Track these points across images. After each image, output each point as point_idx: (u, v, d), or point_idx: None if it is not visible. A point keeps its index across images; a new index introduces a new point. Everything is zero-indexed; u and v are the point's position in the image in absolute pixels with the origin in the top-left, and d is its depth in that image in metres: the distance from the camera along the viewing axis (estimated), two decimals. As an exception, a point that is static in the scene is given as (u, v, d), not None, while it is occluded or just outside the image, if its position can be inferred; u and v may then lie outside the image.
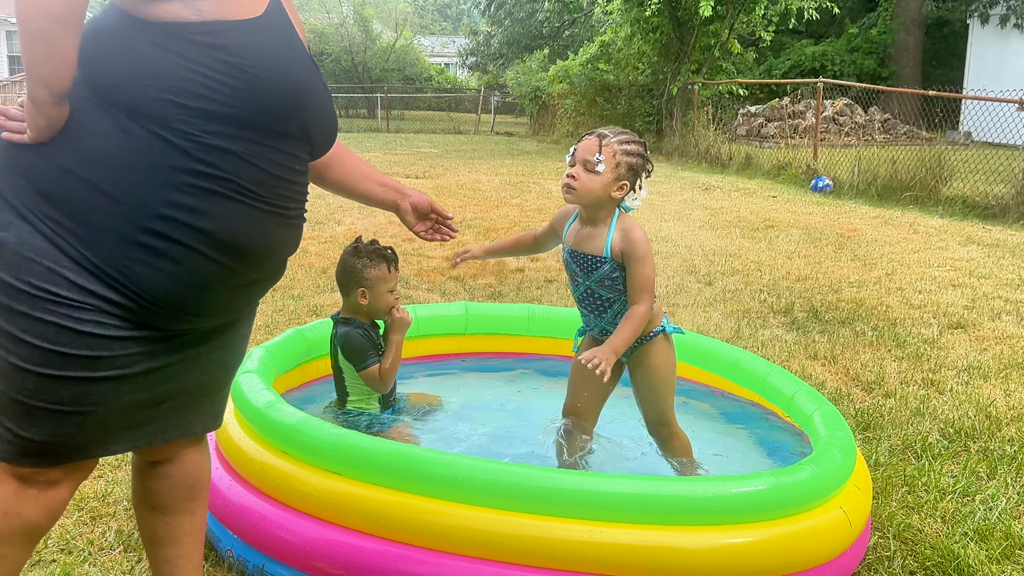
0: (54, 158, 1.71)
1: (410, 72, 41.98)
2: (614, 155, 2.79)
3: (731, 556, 2.34)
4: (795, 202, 11.98)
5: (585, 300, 2.97)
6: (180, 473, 2.10)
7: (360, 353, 3.35)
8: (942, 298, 6.42)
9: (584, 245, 2.89)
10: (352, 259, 3.40)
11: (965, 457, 3.59)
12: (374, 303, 3.39)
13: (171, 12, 1.68)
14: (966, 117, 18.38)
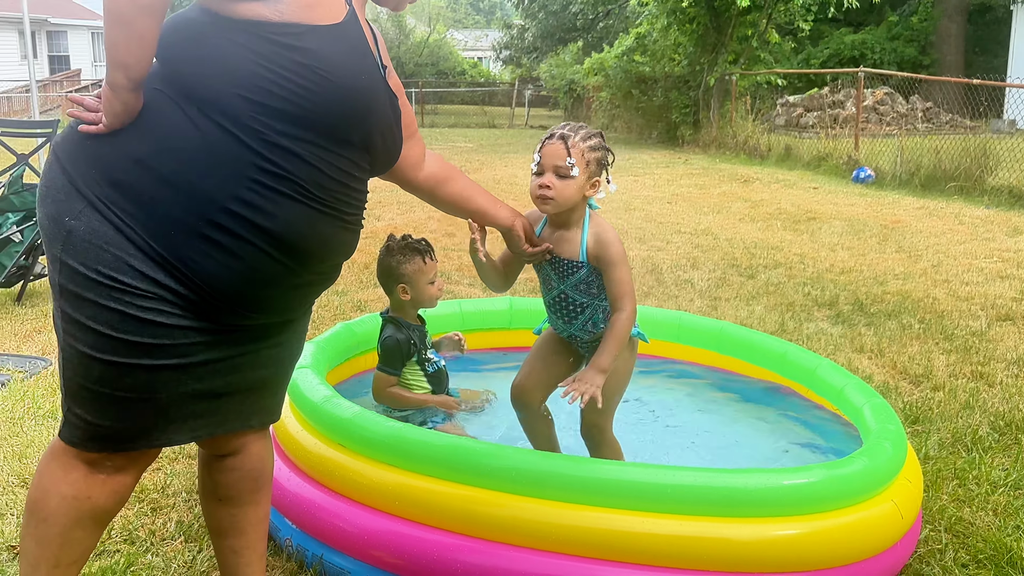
0: (126, 148, 1.76)
1: (444, 66, 42.12)
2: (583, 155, 2.64)
3: (783, 548, 2.36)
4: (837, 193, 11.87)
5: (557, 305, 2.81)
6: (246, 466, 2.16)
7: (387, 357, 3.41)
8: (990, 290, 6.34)
9: (559, 249, 2.74)
10: (387, 258, 3.44)
11: (1016, 450, 3.56)
12: (417, 297, 3.44)
13: (252, 11, 1.72)
14: (1010, 105, 18.06)
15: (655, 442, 3.44)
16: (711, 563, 2.32)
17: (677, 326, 4.15)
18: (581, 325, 2.80)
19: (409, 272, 3.40)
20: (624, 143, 21.35)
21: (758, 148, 16.82)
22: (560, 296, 2.78)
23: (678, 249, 7.83)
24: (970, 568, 2.70)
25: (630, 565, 2.32)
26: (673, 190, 12.15)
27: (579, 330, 2.81)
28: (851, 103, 19.98)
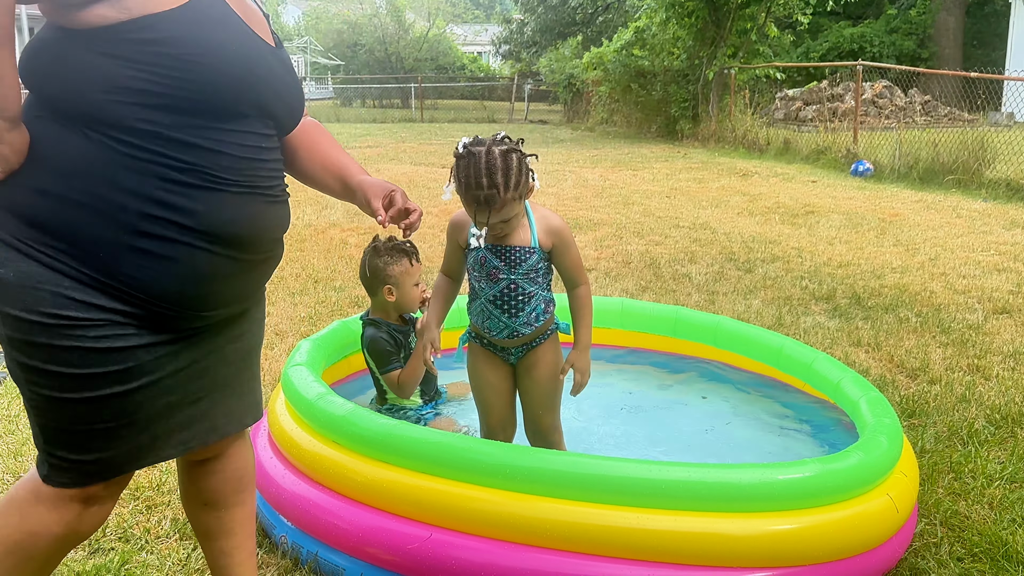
0: (28, 183, 1.71)
1: (443, 61, 42.07)
2: (512, 200, 2.58)
3: (778, 542, 2.36)
4: (835, 187, 11.85)
5: (501, 299, 2.76)
6: (229, 468, 2.15)
7: (384, 357, 3.41)
8: (987, 283, 6.34)
9: (507, 239, 2.73)
10: (373, 259, 3.44)
11: (1012, 443, 3.56)
12: (402, 299, 3.44)
13: (99, 16, 1.68)
14: (1009, 98, 18.05)
15: (648, 437, 3.45)
16: (706, 558, 2.32)
17: (674, 320, 4.15)
18: (526, 318, 2.78)
19: (396, 274, 3.41)
20: (623, 137, 21.34)
21: (757, 142, 16.80)
22: (506, 289, 2.75)
23: (676, 243, 7.82)
24: (965, 562, 2.70)
25: (625, 561, 2.32)
26: (672, 184, 12.14)
27: (522, 324, 2.78)
28: (850, 96, 19.97)
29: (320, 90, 40.69)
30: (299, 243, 7.64)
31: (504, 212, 2.59)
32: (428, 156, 16.26)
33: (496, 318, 2.79)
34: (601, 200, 10.53)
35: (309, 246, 7.52)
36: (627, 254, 7.32)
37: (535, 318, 2.80)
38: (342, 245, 7.54)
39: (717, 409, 3.73)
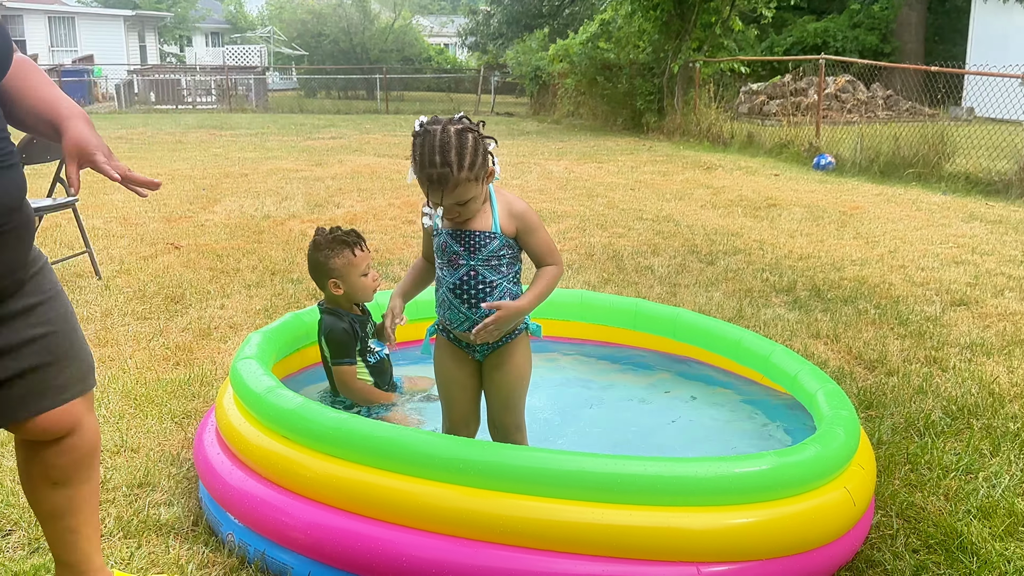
0: None
1: (409, 53, 41.80)
2: (467, 180, 2.51)
3: (735, 536, 2.33)
4: (797, 180, 11.92)
5: (462, 287, 2.69)
6: (83, 445, 2.10)
7: (340, 348, 3.34)
8: (945, 275, 6.39)
9: (469, 223, 2.66)
10: (314, 254, 3.38)
11: (968, 435, 3.57)
12: (350, 290, 3.38)
13: None
14: (969, 93, 18.27)
15: (606, 430, 3.41)
16: (661, 552, 2.29)
17: (634, 313, 4.12)
18: (486, 312, 2.66)
19: (339, 266, 3.33)
20: (589, 130, 21.33)
21: (721, 135, 16.86)
22: (467, 276, 2.68)
23: (639, 235, 7.81)
24: (921, 553, 2.69)
25: (581, 556, 2.28)
26: (636, 176, 12.13)
27: (483, 317, 2.67)
28: (813, 91, 20.10)
29: (284, 80, 40.30)
30: (257, 235, 7.53)
31: (459, 193, 2.52)
32: (392, 148, 16.13)
33: (456, 308, 2.72)
34: (565, 192, 10.50)
35: (267, 238, 7.41)
36: (590, 246, 7.29)
37: None
38: (301, 237, 7.43)
39: (675, 403, 3.70)
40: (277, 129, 20.83)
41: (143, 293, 5.57)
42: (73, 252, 6.40)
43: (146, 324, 4.91)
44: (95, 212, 8.46)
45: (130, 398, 3.79)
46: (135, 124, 21.94)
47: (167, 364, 4.26)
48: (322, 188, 10.45)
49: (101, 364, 4.23)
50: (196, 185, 10.62)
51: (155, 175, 10.13)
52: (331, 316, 3.37)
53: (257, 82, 31.25)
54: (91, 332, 4.73)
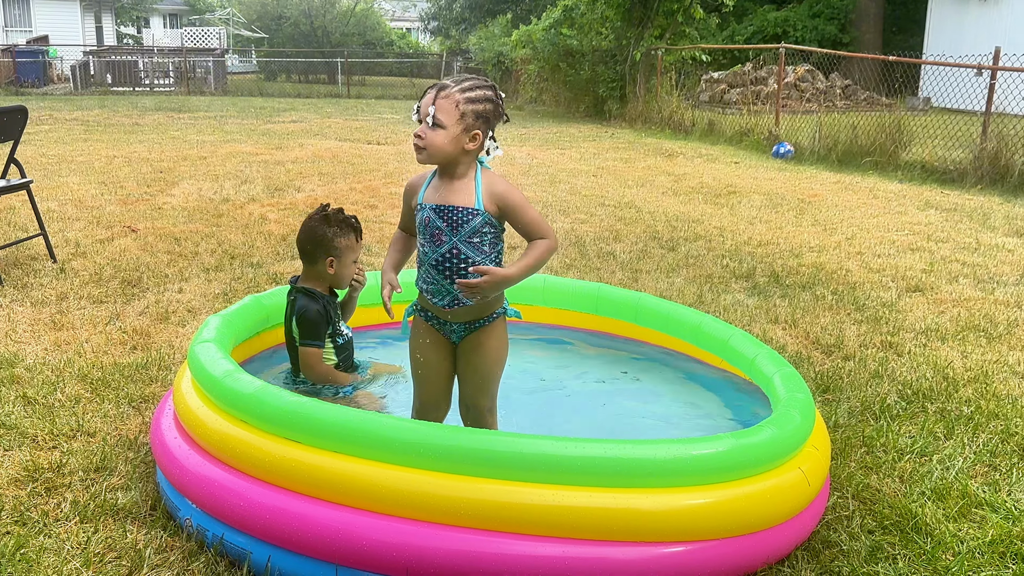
0: None
1: (371, 37, 41.45)
2: (456, 106, 2.56)
3: (691, 517, 2.35)
4: (757, 168, 12.02)
5: (444, 263, 2.69)
6: None
7: (312, 330, 3.31)
8: (901, 262, 6.49)
9: (451, 199, 2.66)
10: (322, 227, 3.34)
11: (923, 418, 3.64)
12: (340, 272, 3.36)
13: None
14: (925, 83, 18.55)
15: (565, 413, 3.43)
16: (620, 533, 2.30)
17: (596, 298, 4.14)
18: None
19: (341, 247, 3.33)
20: (552, 116, 21.33)
21: (682, 123, 16.95)
22: (449, 253, 2.68)
23: (602, 222, 7.83)
24: (876, 534, 2.74)
25: (539, 538, 2.29)
26: (599, 163, 12.16)
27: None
28: (773, 80, 20.25)
29: (243, 63, 39.78)
30: (216, 218, 7.44)
31: (443, 111, 2.56)
32: (353, 132, 16.01)
33: (438, 283, 2.73)
34: (528, 178, 10.49)
35: (226, 221, 7.33)
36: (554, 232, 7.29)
37: None
38: (261, 221, 7.36)
39: (634, 386, 3.73)
40: (236, 112, 20.57)
41: (99, 276, 5.48)
42: (27, 235, 6.28)
43: (102, 308, 4.84)
44: (50, 194, 8.30)
45: (87, 382, 3.73)
46: (91, 106, 21.54)
47: (124, 348, 4.20)
48: (282, 172, 10.34)
49: (56, 348, 4.16)
50: (153, 167, 10.46)
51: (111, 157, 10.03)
52: (306, 297, 3.34)
53: (216, 64, 30.83)
54: (46, 315, 4.65)
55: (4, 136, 5.66)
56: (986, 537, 2.70)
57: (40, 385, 3.68)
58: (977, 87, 12.17)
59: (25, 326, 4.48)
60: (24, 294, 5.05)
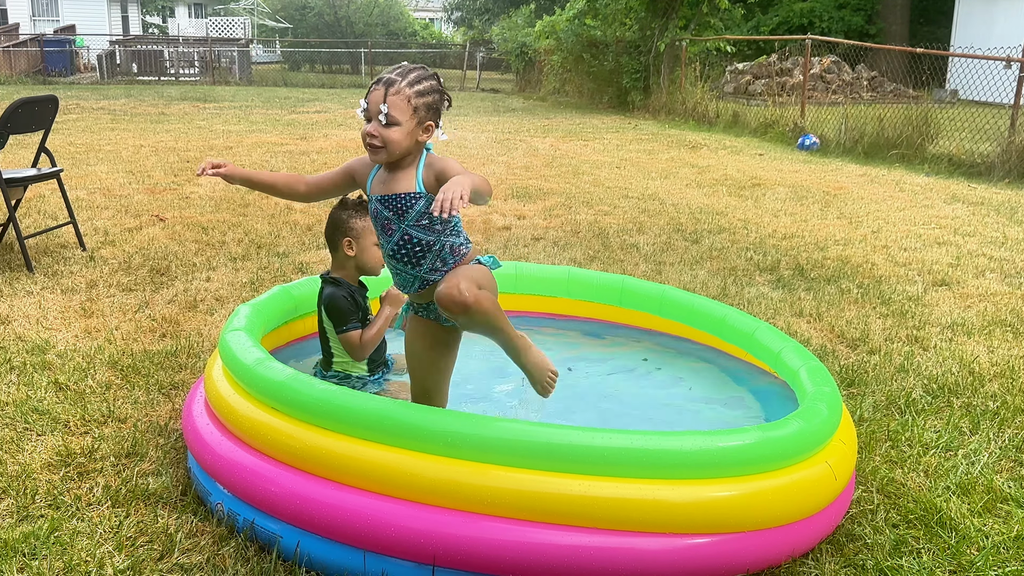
0: None
1: (394, 27, 41.50)
2: (408, 101, 2.55)
3: (718, 509, 2.36)
4: (782, 160, 11.96)
5: (400, 251, 2.68)
6: None
7: (341, 315, 3.33)
8: (927, 256, 6.45)
9: (394, 187, 2.65)
10: (339, 211, 3.38)
11: (948, 412, 3.63)
12: (361, 255, 3.37)
13: None
14: (953, 75, 18.36)
15: (591, 405, 3.44)
16: (646, 525, 2.32)
17: (620, 290, 4.15)
18: (430, 265, 2.67)
19: (357, 227, 3.34)
20: (575, 108, 21.29)
21: (706, 114, 16.88)
22: (402, 240, 2.66)
23: (625, 214, 7.83)
24: (901, 528, 2.74)
25: (567, 528, 2.31)
26: (622, 155, 12.14)
27: (429, 272, 2.68)
28: (798, 71, 20.13)
29: (267, 53, 39.92)
30: (242, 208, 7.50)
31: (395, 108, 2.53)
32: (377, 122, 16.04)
33: (402, 272, 2.72)
34: (551, 170, 10.49)
35: (252, 211, 7.38)
36: (576, 224, 7.30)
37: (441, 263, 2.69)
38: (287, 211, 7.41)
39: (660, 379, 3.74)
40: (261, 102, 20.68)
41: (128, 265, 5.54)
42: (57, 223, 6.36)
43: (132, 296, 4.90)
44: (79, 183, 8.39)
45: (116, 369, 3.79)
46: (117, 95, 21.71)
47: (153, 336, 4.25)
48: (307, 162, 10.40)
49: (87, 335, 4.22)
50: (180, 157, 10.54)
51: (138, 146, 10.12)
52: (332, 286, 3.37)
53: (241, 54, 30.97)
54: (76, 303, 4.71)
55: (36, 125, 5.73)
56: (1011, 532, 2.70)
57: (71, 371, 3.73)
58: (1006, 80, 12.04)
59: (56, 313, 4.54)
60: (55, 281, 5.12)
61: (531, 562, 2.27)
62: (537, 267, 4.37)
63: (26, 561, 2.39)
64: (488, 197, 2.61)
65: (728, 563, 2.37)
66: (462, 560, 2.28)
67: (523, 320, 4.20)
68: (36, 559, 2.40)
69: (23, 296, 4.82)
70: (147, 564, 2.40)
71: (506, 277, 4.24)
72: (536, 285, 4.25)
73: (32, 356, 3.89)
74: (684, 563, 2.32)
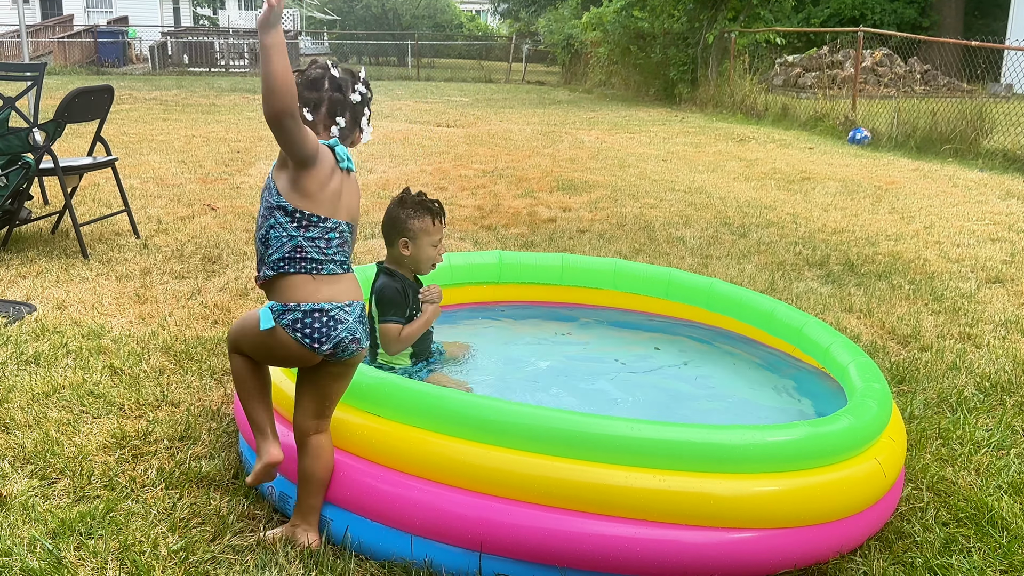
0: None
1: (440, 19, 41.61)
2: (302, 97, 2.36)
3: (766, 504, 2.35)
4: (832, 154, 11.80)
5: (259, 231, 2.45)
6: None
7: (388, 305, 3.34)
8: (980, 252, 6.33)
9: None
10: (396, 209, 3.39)
11: (1001, 411, 3.57)
12: (416, 254, 3.37)
13: None
14: (1008, 69, 17.92)
15: (639, 397, 3.44)
16: (694, 518, 2.32)
17: (667, 282, 4.13)
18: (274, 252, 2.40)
19: (415, 228, 3.36)
20: (621, 100, 21.19)
21: (755, 107, 16.70)
22: (262, 215, 2.42)
23: (671, 207, 7.79)
24: (951, 527, 2.71)
25: (610, 518, 2.31)
26: (668, 148, 12.07)
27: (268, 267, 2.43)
28: (849, 64, 19.83)
29: (315, 45, 40.24)
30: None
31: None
32: (423, 115, 16.12)
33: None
34: (597, 162, 10.46)
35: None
36: (622, 216, 7.28)
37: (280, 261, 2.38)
38: (335, 201, 7.47)
39: (708, 371, 3.72)
40: (309, 94, 20.83)
41: (181, 253, 5.64)
42: (112, 211, 6.49)
43: (184, 283, 4.99)
44: (132, 172, 8.55)
45: (170, 354, 3.86)
46: (169, 86, 22.05)
47: (206, 322, 4.33)
48: (354, 153, 10.44)
49: (141, 321, 4.30)
50: (231, 147, 10.69)
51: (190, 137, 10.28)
52: (386, 275, 3.39)
53: (289, 46, 31.18)
54: (131, 289, 4.81)
55: (91, 115, 5.85)
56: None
57: (126, 356, 3.81)
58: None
59: (111, 299, 4.64)
60: (109, 268, 5.23)
61: (576, 552, 2.28)
62: (583, 259, 4.37)
63: (83, 540, 2.45)
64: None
65: (775, 558, 2.36)
66: (507, 546, 2.30)
67: (570, 311, 4.21)
68: (92, 538, 2.47)
69: (78, 282, 4.93)
70: (200, 545, 2.45)
71: (551, 269, 4.25)
72: (582, 276, 4.25)
73: (88, 341, 3.98)
74: (730, 557, 2.32)
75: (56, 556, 2.37)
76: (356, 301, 2.41)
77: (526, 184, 8.70)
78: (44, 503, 2.64)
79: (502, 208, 7.45)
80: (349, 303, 2.37)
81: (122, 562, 2.36)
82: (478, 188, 8.42)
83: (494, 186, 8.54)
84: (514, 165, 9.98)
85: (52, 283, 4.89)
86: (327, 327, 2.32)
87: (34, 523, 2.52)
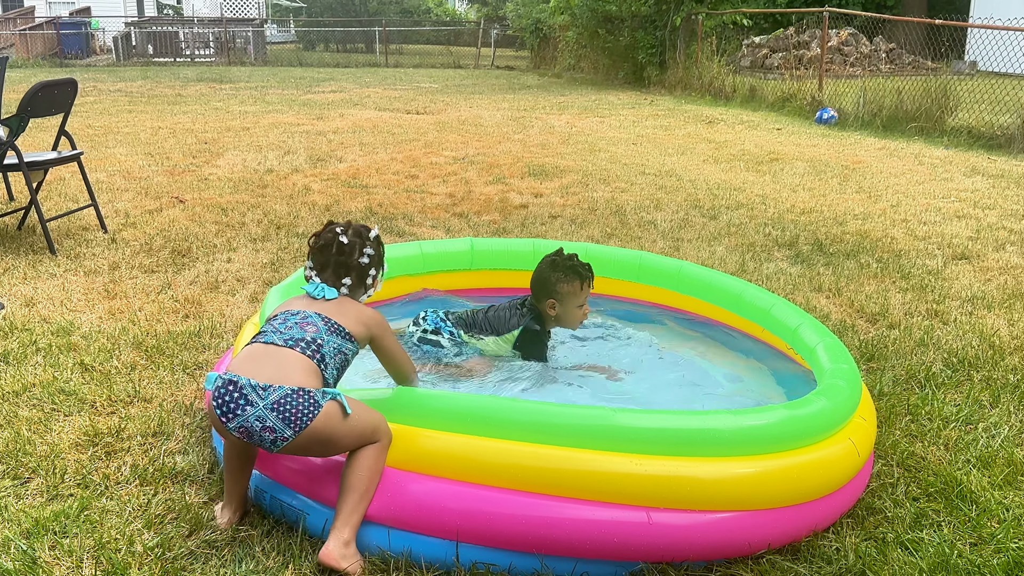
0: None
1: (407, 4, 41.32)
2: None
3: (743, 486, 2.37)
4: (800, 134, 11.88)
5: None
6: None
7: (532, 351, 3.45)
8: (947, 229, 6.41)
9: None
10: (548, 271, 3.46)
11: (968, 386, 3.62)
12: (562, 315, 3.47)
13: None
14: (972, 46, 18.10)
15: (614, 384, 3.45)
16: (674, 501, 2.33)
17: (638, 266, 4.15)
18: None
19: (564, 292, 3.43)
20: (590, 83, 21.18)
21: (723, 89, 16.76)
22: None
23: (642, 190, 7.81)
24: (921, 501, 2.75)
25: (594, 503, 2.31)
26: (638, 131, 12.09)
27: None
28: (816, 44, 19.93)
29: (282, 33, 39.86)
30: (260, 189, 7.53)
31: None
32: (392, 102, 16.04)
33: None
34: (567, 147, 10.47)
35: (271, 192, 7.41)
36: (593, 201, 7.30)
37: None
38: (305, 191, 7.44)
39: (681, 354, 3.74)
40: (277, 82, 20.68)
41: (150, 246, 5.59)
42: (78, 205, 6.41)
43: (154, 277, 4.95)
44: (98, 165, 8.45)
45: (141, 349, 3.83)
46: (134, 77, 21.77)
47: (177, 316, 4.30)
48: (324, 142, 10.41)
49: (111, 316, 4.27)
50: (198, 139, 10.59)
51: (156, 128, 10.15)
52: (540, 324, 3.49)
53: (255, 35, 30.94)
54: (100, 284, 4.76)
55: (55, 108, 5.76)
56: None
57: (96, 352, 3.78)
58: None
59: (79, 295, 4.59)
60: (77, 264, 5.17)
61: (555, 537, 2.29)
62: (555, 244, 4.36)
63: (57, 539, 2.44)
64: None
65: (751, 539, 2.39)
66: (484, 535, 2.31)
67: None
68: (67, 537, 2.45)
69: (47, 278, 4.87)
70: (176, 541, 2.44)
71: (523, 255, 4.25)
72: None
73: (57, 338, 3.94)
74: (708, 539, 2.34)
75: (31, 556, 2.35)
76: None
77: (497, 170, 8.69)
78: (17, 503, 2.62)
79: (473, 195, 7.44)
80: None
81: (98, 560, 2.35)
82: (449, 175, 8.40)
83: (465, 173, 8.52)
84: (485, 152, 9.97)
85: (19, 280, 4.83)
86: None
87: (7, 523, 2.50)
